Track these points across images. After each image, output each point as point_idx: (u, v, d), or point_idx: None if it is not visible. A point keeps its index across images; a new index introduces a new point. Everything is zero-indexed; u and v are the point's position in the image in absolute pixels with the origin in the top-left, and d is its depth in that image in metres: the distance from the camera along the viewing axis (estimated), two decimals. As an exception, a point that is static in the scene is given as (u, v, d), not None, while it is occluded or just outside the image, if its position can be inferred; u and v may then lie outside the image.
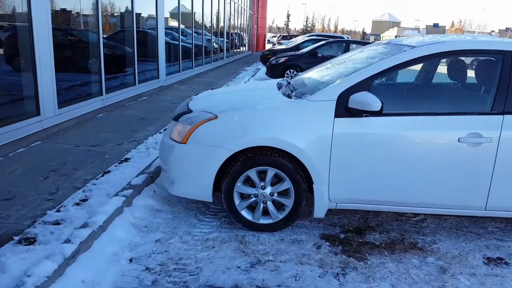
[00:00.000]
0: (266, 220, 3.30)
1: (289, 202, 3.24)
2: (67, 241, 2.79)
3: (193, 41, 13.27)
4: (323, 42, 12.99)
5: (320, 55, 12.39)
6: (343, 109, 3.04)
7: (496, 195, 3.11)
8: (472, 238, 3.43)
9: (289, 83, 3.82)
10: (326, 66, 4.06)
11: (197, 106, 3.58)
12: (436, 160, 3.05)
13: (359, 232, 3.43)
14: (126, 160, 4.68)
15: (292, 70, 12.36)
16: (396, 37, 76.49)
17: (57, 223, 3.15)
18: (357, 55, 3.92)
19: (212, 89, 4.56)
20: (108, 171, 4.29)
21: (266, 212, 3.30)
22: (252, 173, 3.17)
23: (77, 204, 3.51)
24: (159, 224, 3.40)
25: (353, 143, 3.04)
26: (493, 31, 75.07)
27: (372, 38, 79.80)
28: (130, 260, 2.89)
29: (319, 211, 3.20)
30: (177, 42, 11.60)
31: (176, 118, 3.50)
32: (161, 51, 9.92)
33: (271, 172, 3.16)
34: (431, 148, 3.03)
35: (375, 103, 2.86)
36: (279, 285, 2.71)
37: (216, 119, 3.19)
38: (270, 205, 3.26)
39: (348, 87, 3.06)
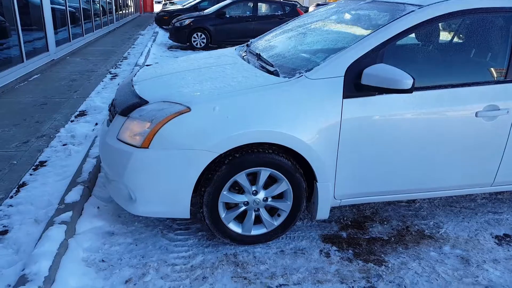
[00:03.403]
0: (258, 230, 2.67)
1: (286, 206, 2.63)
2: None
3: (81, 5, 11.51)
4: (228, 1, 12.07)
5: (228, 16, 11.55)
6: (353, 87, 2.45)
7: (505, 170, 2.85)
8: (469, 215, 3.18)
9: (259, 54, 3.09)
10: (295, 30, 3.39)
11: (151, 93, 2.70)
12: (455, 139, 2.65)
13: (360, 226, 2.97)
14: (42, 164, 3.64)
15: (200, 34, 11.36)
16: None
17: (-26, 279, 2.21)
18: (335, 16, 3.31)
19: (148, 65, 3.63)
20: (24, 184, 3.26)
21: (256, 220, 2.67)
22: (242, 177, 2.48)
23: (-5, 241, 2.54)
24: (120, 254, 2.57)
25: (366, 129, 2.48)
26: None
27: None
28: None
29: (323, 211, 2.65)
30: (62, 7, 9.88)
31: (125, 112, 2.60)
32: (47, 18, 8.30)
33: (264, 173, 2.50)
34: (451, 126, 2.61)
35: (405, 79, 2.28)
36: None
37: (189, 112, 2.39)
38: (263, 212, 2.62)
39: (357, 57, 2.45)
